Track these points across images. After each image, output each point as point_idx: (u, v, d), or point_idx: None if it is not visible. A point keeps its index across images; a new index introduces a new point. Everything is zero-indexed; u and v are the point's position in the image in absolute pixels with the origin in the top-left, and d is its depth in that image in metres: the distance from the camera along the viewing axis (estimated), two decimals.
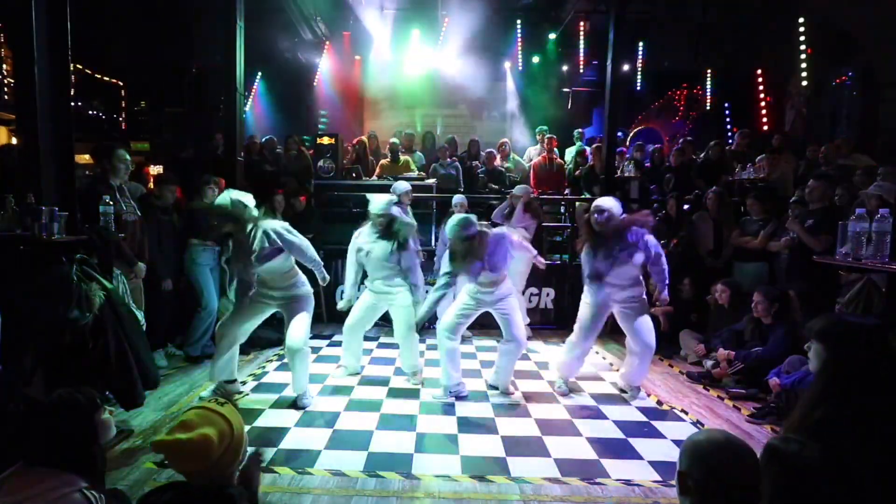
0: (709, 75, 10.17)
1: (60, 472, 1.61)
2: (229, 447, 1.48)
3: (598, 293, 4.04)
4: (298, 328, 3.77)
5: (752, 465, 1.33)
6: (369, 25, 9.80)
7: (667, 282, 4.00)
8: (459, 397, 4.06)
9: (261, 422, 3.57)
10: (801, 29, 8.22)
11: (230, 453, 1.49)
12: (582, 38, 9.75)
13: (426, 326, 6.21)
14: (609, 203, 3.93)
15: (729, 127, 9.88)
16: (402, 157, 7.51)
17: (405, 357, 4.43)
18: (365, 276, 4.53)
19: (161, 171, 6.23)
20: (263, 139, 7.85)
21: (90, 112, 9.77)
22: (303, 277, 4.00)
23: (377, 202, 4.20)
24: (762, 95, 9.65)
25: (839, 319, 1.92)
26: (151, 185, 6.15)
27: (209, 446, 1.43)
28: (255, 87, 10.04)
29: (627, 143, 8.84)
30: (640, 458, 3.20)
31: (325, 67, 10.31)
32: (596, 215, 3.90)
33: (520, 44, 9.94)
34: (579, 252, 4.14)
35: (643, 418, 3.79)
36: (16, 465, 1.64)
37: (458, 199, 5.72)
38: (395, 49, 10.03)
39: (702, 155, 7.30)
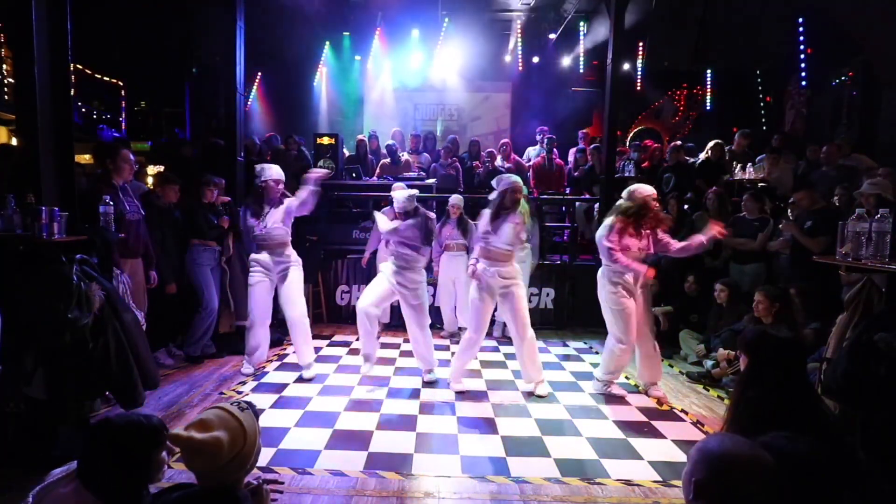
0: (709, 75, 10.17)
1: (98, 502, 1.54)
2: (238, 455, 1.47)
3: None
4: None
5: (773, 480, 1.28)
6: (369, 25, 9.80)
7: None
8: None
9: (261, 422, 3.54)
10: (801, 29, 8.22)
11: (238, 460, 1.48)
12: (582, 38, 9.75)
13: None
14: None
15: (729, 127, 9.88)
16: (402, 158, 7.51)
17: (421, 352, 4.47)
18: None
19: (162, 171, 6.22)
20: (266, 136, 7.88)
21: (92, 112, 9.77)
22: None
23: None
24: (762, 95, 9.65)
25: (762, 333, 2.09)
26: (151, 184, 6.15)
27: (219, 450, 1.43)
28: (254, 86, 10.03)
29: (627, 143, 8.84)
30: (640, 458, 3.20)
31: (326, 67, 10.32)
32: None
33: (520, 44, 9.94)
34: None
35: (643, 418, 3.79)
36: (70, 475, 1.57)
37: (454, 199, 5.72)
38: (396, 49, 10.03)
39: (701, 155, 7.30)
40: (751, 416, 1.89)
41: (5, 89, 7.84)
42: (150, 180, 6.94)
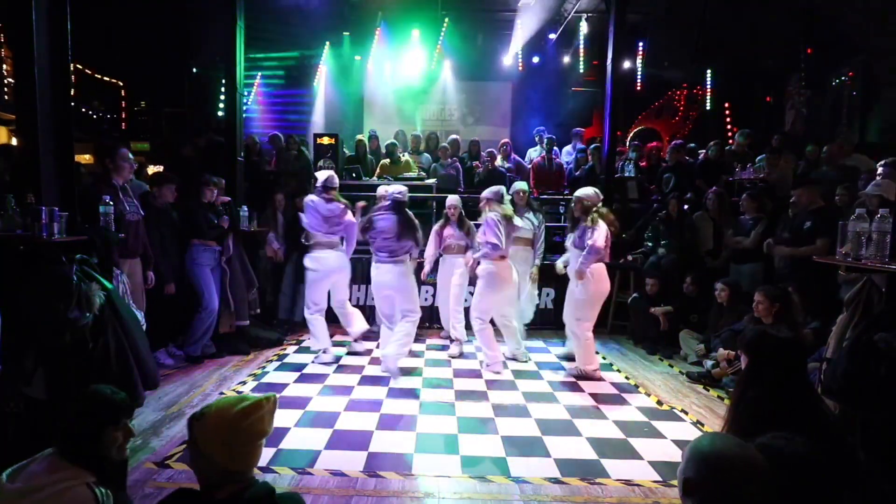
0: (709, 75, 10.17)
1: (74, 466, 1.65)
2: (263, 417, 1.52)
3: None
4: None
5: (763, 479, 1.29)
6: (369, 25, 9.81)
7: None
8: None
9: None
10: (801, 29, 8.23)
11: (260, 423, 1.50)
12: (582, 38, 9.75)
13: (426, 325, 6.23)
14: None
15: (729, 127, 9.88)
16: (402, 158, 7.51)
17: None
18: None
19: (160, 171, 6.22)
20: (270, 135, 7.88)
21: (90, 112, 9.78)
22: None
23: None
24: (762, 95, 9.66)
25: (762, 333, 2.09)
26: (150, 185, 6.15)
27: (262, 407, 1.50)
28: (255, 87, 10.03)
29: (627, 143, 8.84)
30: (640, 458, 3.20)
31: (326, 67, 10.31)
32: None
33: (520, 44, 9.94)
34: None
35: (643, 418, 3.79)
36: (42, 455, 1.68)
37: (451, 199, 5.52)
38: (396, 49, 10.03)
39: (701, 155, 7.30)
40: (751, 416, 1.89)
41: (5, 89, 7.84)
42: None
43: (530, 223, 5.55)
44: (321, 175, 4.86)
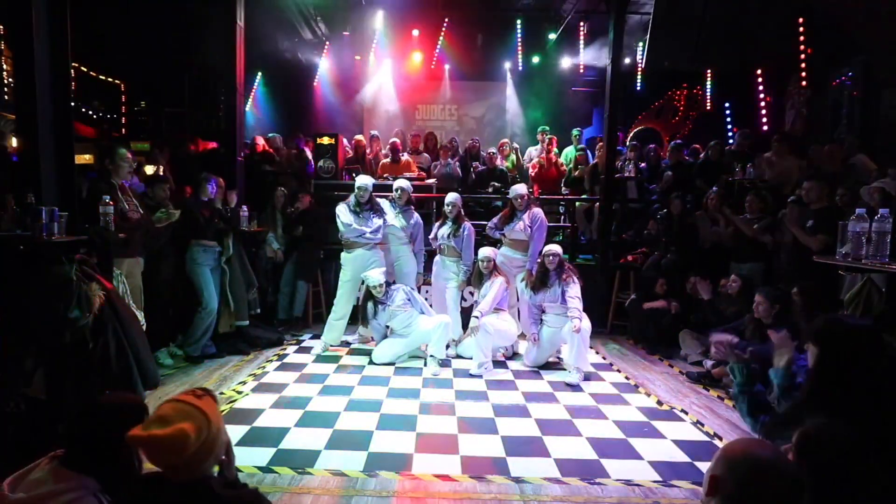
0: (709, 75, 10.17)
1: (79, 475, 1.57)
2: (205, 442, 1.43)
3: None
4: None
5: (791, 489, 1.28)
6: (369, 26, 9.81)
7: None
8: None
9: (261, 422, 3.57)
10: (801, 29, 8.22)
11: (206, 448, 1.44)
12: (582, 38, 9.75)
13: None
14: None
15: (729, 127, 9.88)
16: (403, 158, 7.51)
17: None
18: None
19: (155, 170, 6.20)
20: (269, 136, 7.89)
21: (90, 112, 9.78)
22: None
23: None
24: (762, 95, 9.64)
25: (836, 321, 1.97)
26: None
27: (185, 441, 1.38)
28: (255, 87, 10.04)
29: (627, 143, 8.84)
30: (640, 458, 3.20)
31: (326, 67, 10.31)
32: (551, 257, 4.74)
33: (520, 44, 9.94)
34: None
35: (643, 418, 3.79)
36: (46, 459, 1.61)
37: (451, 197, 5.32)
38: (396, 49, 10.03)
39: (701, 155, 7.30)
40: (823, 404, 1.80)
41: (5, 89, 7.84)
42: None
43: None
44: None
